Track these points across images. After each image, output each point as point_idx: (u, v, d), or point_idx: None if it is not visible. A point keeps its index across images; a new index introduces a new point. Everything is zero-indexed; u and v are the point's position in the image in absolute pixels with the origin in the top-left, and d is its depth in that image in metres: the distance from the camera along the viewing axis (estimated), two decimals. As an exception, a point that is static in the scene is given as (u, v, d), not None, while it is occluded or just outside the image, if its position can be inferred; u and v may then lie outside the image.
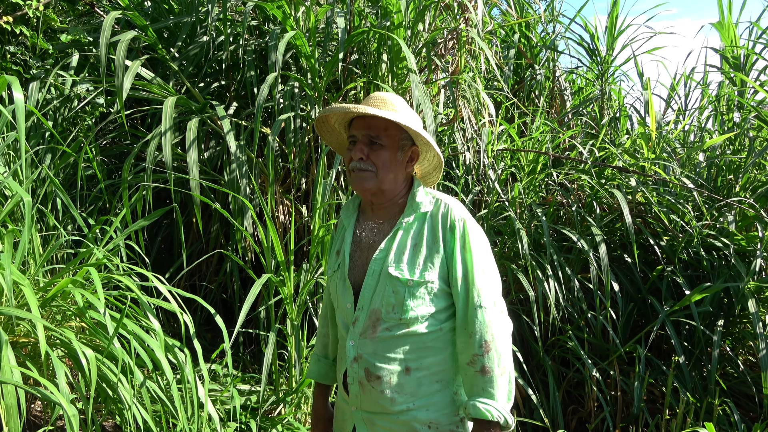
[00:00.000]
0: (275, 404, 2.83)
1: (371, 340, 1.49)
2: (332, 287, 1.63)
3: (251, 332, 3.43)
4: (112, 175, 3.59)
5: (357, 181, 1.52)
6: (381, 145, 1.52)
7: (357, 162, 1.51)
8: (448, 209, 1.52)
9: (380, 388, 1.47)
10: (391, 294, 1.48)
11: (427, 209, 1.53)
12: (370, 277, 1.51)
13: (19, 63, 3.20)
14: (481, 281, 1.47)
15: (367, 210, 1.62)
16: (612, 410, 3.27)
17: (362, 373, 1.49)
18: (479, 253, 1.49)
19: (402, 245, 1.50)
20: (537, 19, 5.31)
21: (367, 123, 1.53)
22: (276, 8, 3.20)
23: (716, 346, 3.19)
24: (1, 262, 1.83)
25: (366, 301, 1.51)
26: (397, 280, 1.47)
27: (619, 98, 5.28)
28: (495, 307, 1.46)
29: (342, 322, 1.58)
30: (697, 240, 3.48)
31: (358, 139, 1.53)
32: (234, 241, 3.29)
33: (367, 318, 1.50)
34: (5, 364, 1.76)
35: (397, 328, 1.47)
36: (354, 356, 1.51)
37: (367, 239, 1.57)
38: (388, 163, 1.52)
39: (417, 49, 3.65)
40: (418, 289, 1.47)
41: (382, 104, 1.53)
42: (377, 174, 1.51)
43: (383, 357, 1.47)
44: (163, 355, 2.15)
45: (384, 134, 1.52)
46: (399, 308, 1.47)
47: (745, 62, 4.56)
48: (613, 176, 3.90)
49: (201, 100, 3.32)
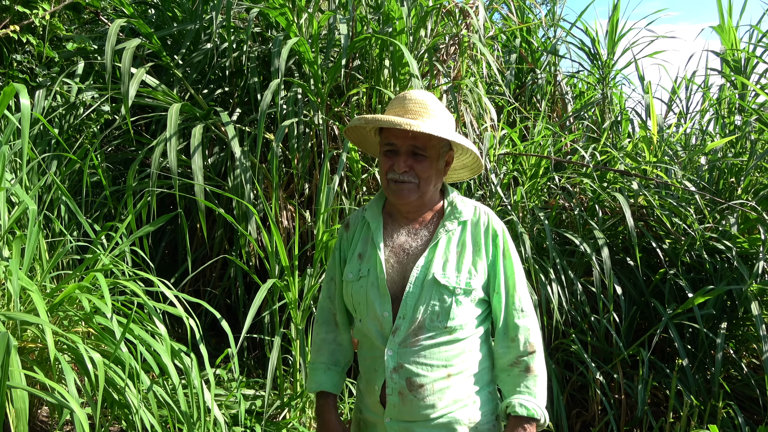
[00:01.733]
0: (280, 409, 2.84)
1: (412, 349, 1.46)
2: (357, 294, 1.54)
3: (255, 337, 3.44)
4: (117, 182, 3.62)
5: (398, 192, 1.48)
6: (425, 156, 1.48)
7: (401, 174, 1.47)
8: (489, 219, 1.54)
9: (422, 396, 1.45)
10: (437, 302, 1.45)
11: (467, 217, 1.53)
12: (413, 285, 1.47)
13: (26, 71, 3.23)
14: (521, 289, 1.51)
15: (396, 214, 1.57)
16: (616, 413, 3.27)
17: (403, 383, 1.46)
18: (517, 263, 1.54)
19: (446, 252, 1.49)
20: (538, 23, 5.34)
21: (411, 133, 1.46)
22: (279, 15, 3.23)
23: (720, 349, 3.19)
24: (9, 268, 1.85)
25: (409, 310, 1.46)
26: (445, 288, 1.46)
27: (620, 102, 5.30)
28: (532, 314, 1.51)
29: (375, 332, 1.51)
30: (699, 243, 3.48)
31: (401, 151, 1.48)
32: (238, 247, 3.31)
33: (409, 327, 1.46)
34: (14, 369, 1.78)
35: (440, 335, 1.46)
36: (394, 366, 1.46)
37: (402, 244, 1.53)
38: (432, 175, 1.49)
39: (419, 54, 3.67)
40: (464, 296, 1.47)
41: (423, 110, 1.48)
42: (419, 186, 1.48)
43: (425, 365, 1.45)
44: (169, 359, 2.16)
45: (428, 145, 1.47)
46: (444, 316, 1.45)
47: (745, 65, 4.57)
48: (615, 180, 3.91)
49: (205, 107, 3.35)
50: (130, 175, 2.97)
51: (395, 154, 1.49)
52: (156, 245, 3.56)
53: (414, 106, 1.49)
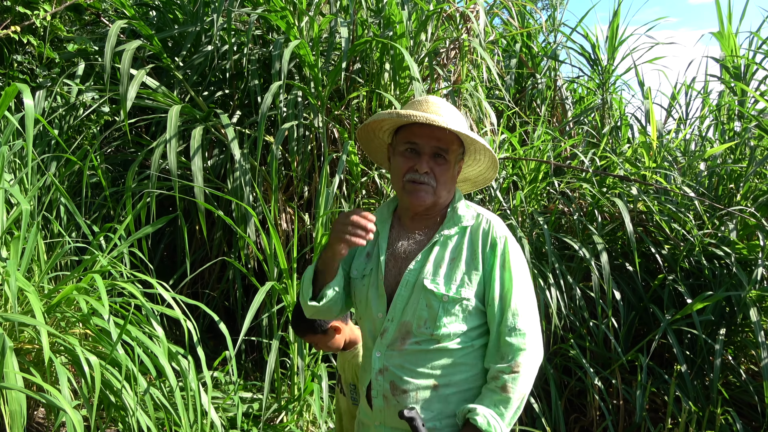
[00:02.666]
0: (277, 412, 2.83)
1: (399, 352, 1.43)
2: (359, 292, 1.53)
3: (253, 340, 3.43)
4: (116, 183, 3.62)
5: (414, 194, 1.43)
6: (446, 160, 1.44)
7: (421, 175, 1.42)
8: (489, 225, 1.46)
9: (405, 402, 1.40)
10: (424, 308, 1.41)
11: (468, 223, 1.47)
12: (403, 288, 1.44)
13: (26, 72, 3.24)
14: (518, 303, 1.41)
15: (404, 217, 1.54)
16: (614, 419, 3.26)
17: (387, 386, 1.43)
18: (518, 274, 1.44)
19: (439, 258, 1.44)
20: (538, 28, 5.35)
21: (435, 135, 1.41)
22: (280, 18, 3.24)
23: (718, 355, 3.18)
24: (7, 268, 1.85)
25: (397, 312, 1.44)
26: (431, 293, 1.41)
27: (620, 107, 5.30)
28: (529, 332, 1.40)
29: (369, 331, 1.50)
30: (698, 249, 3.48)
31: (423, 150, 1.43)
32: (237, 249, 3.30)
33: (397, 330, 1.43)
34: (9, 370, 1.77)
35: (427, 343, 1.41)
36: (379, 368, 1.44)
37: (403, 248, 1.49)
38: (448, 179, 1.46)
39: (419, 58, 3.67)
40: (453, 305, 1.41)
41: (446, 113, 1.43)
42: (436, 189, 1.44)
43: (411, 371, 1.41)
44: (166, 361, 2.16)
45: (451, 148, 1.44)
46: (431, 323, 1.40)
47: (745, 72, 4.58)
48: (614, 185, 3.91)
49: (205, 109, 3.35)
50: (130, 176, 2.97)
51: (417, 154, 1.43)
52: (155, 247, 3.56)
53: (435, 107, 1.45)
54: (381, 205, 1.63)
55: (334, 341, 1.90)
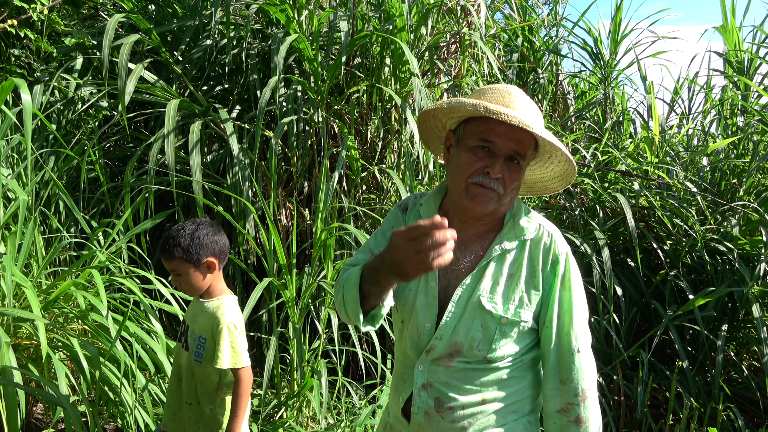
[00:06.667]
0: (277, 408, 2.82)
1: (445, 368, 1.31)
2: (404, 296, 1.35)
3: (253, 335, 3.42)
4: (115, 178, 3.60)
5: (477, 199, 1.26)
6: (519, 166, 1.28)
7: (491, 180, 1.25)
8: (551, 240, 1.33)
9: (451, 418, 1.30)
10: (479, 328, 1.28)
11: (529, 236, 1.33)
12: (455, 305, 1.30)
13: (24, 66, 3.21)
14: (579, 324, 1.31)
15: (453, 218, 1.33)
16: (615, 415, 3.26)
17: (431, 402, 1.31)
18: (578, 293, 1.33)
19: (497, 274, 1.30)
20: (540, 23, 5.32)
21: (516, 136, 1.24)
22: (279, 12, 3.21)
23: (720, 351, 3.17)
24: (4, 264, 1.84)
25: (448, 330, 1.30)
26: (489, 314, 1.28)
27: (622, 102, 5.28)
28: (586, 351, 1.31)
29: (411, 340, 1.35)
30: (700, 244, 3.46)
31: (499, 152, 1.25)
32: (236, 244, 3.29)
33: (446, 348, 1.30)
34: (7, 366, 1.76)
35: (477, 363, 1.31)
36: (423, 383, 1.32)
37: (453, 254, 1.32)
38: (517, 188, 1.30)
39: (420, 52, 3.65)
40: (510, 328, 1.29)
41: (531, 112, 1.27)
42: (501, 197, 1.27)
43: (458, 387, 1.30)
44: (165, 357, 2.15)
45: (528, 153, 1.28)
46: (485, 345, 1.29)
47: (748, 66, 4.55)
48: (616, 180, 3.89)
49: (204, 103, 3.33)
50: (128, 171, 2.96)
51: (491, 154, 1.26)
52: (153, 242, 3.54)
53: (521, 104, 1.27)
54: (426, 194, 1.43)
55: (197, 281, 1.70)
